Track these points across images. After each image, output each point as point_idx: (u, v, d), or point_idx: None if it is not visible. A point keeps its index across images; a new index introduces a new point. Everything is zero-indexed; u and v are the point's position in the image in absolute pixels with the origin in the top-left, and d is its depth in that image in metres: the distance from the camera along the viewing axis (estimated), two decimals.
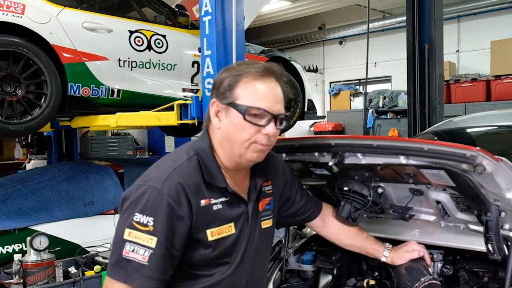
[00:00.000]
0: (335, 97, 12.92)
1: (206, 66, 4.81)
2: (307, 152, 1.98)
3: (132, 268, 1.49)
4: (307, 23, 14.32)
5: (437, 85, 5.40)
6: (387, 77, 13.02)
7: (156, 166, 1.68)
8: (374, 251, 2.06)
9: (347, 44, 14.25)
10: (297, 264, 2.40)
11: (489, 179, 1.52)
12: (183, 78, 6.05)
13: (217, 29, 4.71)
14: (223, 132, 1.63)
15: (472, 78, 9.93)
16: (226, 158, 1.66)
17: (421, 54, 5.51)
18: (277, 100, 1.61)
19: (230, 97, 1.59)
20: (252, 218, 1.74)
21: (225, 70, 1.65)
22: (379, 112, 11.46)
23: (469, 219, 1.87)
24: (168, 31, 5.82)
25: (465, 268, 2.01)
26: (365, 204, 1.97)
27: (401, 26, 11.64)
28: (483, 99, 9.58)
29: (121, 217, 1.57)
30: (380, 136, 2.83)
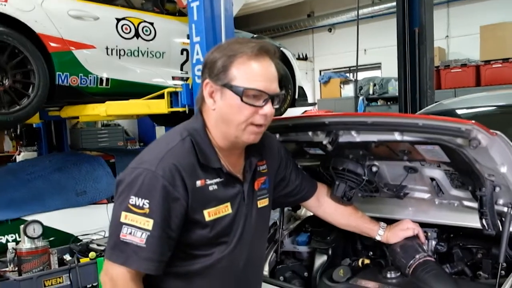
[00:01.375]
0: (325, 85, 12.90)
1: (195, 53, 4.77)
2: (301, 131, 1.98)
3: (130, 251, 1.49)
4: (296, 10, 14.26)
5: (427, 69, 5.40)
6: (377, 64, 13.03)
7: (150, 148, 1.67)
8: (369, 230, 2.08)
9: (336, 31, 14.21)
10: (292, 246, 2.41)
11: (484, 153, 1.53)
12: (172, 66, 6.02)
13: (206, 15, 4.68)
14: (219, 114, 1.62)
15: (462, 63, 9.96)
16: (221, 139, 1.65)
17: (411, 38, 5.50)
18: (272, 79, 1.61)
19: (225, 78, 1.57)
20: (248, 197, 1.74)
21: (217, 50, 1.63)
22: (370, 99, 11.48)
23: (463, 196, 1.88)
24: (155, 19, 5.78)
25: (459, 245, 2.04)
26: (359, 183, 1.98)
27: (390, 12, 11.66)
28: (473, 84, 9.62)
29: (116, 200, 1.57)
30: (374, 113, 2.86)
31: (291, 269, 2.32)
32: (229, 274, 1.71)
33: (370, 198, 2.13)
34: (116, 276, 1.51)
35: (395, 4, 11.10)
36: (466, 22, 11.01)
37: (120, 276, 1.51)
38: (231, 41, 1.66)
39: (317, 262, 2.29)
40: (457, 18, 11.34)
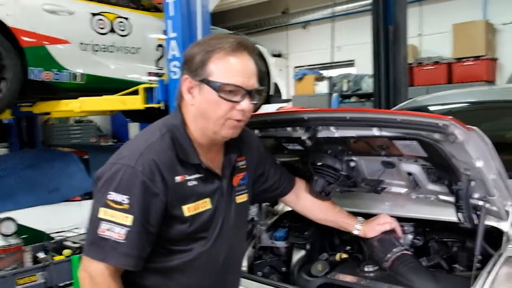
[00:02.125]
0: (299, 82, 12.93)
1: (171, 49, 4.75)
2: (280, 127, 1.99)
3: (109, 247, 1.48)
4: (270, 7, 14.27)
5: (402, 67, 5.48)
6: (351, 61, 13.12)
7: (129, 144, 1.66)
8: (347, 225, 2.10)
9: (311, 28, 14.27)
10: (270, 241, 2.42)
11: (461, 148, 1.56)
12: (147, 61, 5.99)
13: (182, 11, 4.66)
14: (197, 109, 1.62)
15: (434, 61, 10.12)
16: (200, 134, 1.65)
17: (386, 36, 5.57)
18: (250, 75, 1.60)
19: (203, 73, 1.57)
20: (227, 193, 1.75)
21: (196, 45, 1.63)
22: (344, 96, 11.55)
23: (439, 190, 1.91)
24: (131, 14, 5.74)
25: (435, 239, 2.07)
26: (338, 178, 2.00)
27: (364, 10, 11.75)
28: (445, 81, 9.77)
29: (95, 196, 1.56)
30: (353, 108, 2.88)
31: (269, 264, 2.33)
32: (208, 269, 1.71)
33: (347, 193, 2.15)
34: (94, 272, 1.50)
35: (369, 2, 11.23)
36: (439, 20, 11.17)
37: (98, 272, 1.49)
38: (210, 36, 1.65)
39: (295, 257, 2.31)
40: (429, 16, 11.49)
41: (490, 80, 9.67)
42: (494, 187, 1.65)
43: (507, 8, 10.53)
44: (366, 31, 9.28)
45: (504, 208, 1.72)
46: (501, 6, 10.58)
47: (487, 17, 10.66)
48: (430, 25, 11.40)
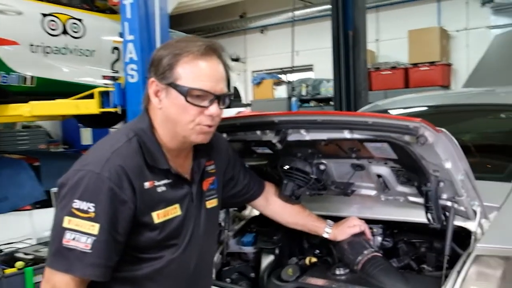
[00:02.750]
0: (258, 86, 13.01)
1: (128, 51, 4.70)
2: (249, 130, 2.00)
3: (74, 257, 1.45)
4: (228, 11, 14.31)
5: (361, 71, 5.60)
6: (309, 66, 13.32)
7: (94, 149, 1.63)
8: (317, 228, 2.12)
9: (268, 33, 14.40)
10: (238, 247, 2.42)
11: (430, 150, 1.61)
12: (103, 64, 5.92)
13: (140, 13, 4.62)
14: (165, 113, 1.61)
15: (392, 66, 10.42)
16: (169, 139, 1.64)
17: (345, 41, 5.68)
18: (219, 79, 1.60)
19: (170, 77, 1.56)
20: (197, 198, 1.74)
21: (164, 47, 1.62)
22: (302, 100, 11.71)
23: (408, 191, 1.97)
24: (85, 15, 5.66)
25: (404, 240, 2.13)
26: (307, 181, 2.02)
27: (323, 15, 11.99)
28: (402, 86, 10.06)
29: (58, 204, 1.52)
30: (324, 111, 2.92)
31: (237, 270, 2.33)
32: (179, 277, 1.70)
33: (316, 196, 2.18)
34: (58, 284, 1.46)
35: (327, 7, 11.51)
36: (395, 26, 11.51)
37: (63, 284, 1.46)
38: (178, 39, 1.64)
39: (264, 262, 2.32)
40: (386, 22, 11.82)
41: (445, 85, 10.03)
42: (462, 188, 1.72)
43: (460, 15, 10.97)
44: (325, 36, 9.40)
45: (471, 208, 1.79)
46: (454, 13, 11.02)
47: (441, 23, 11.07)
48: (386, 31, 11.73)
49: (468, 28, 10.95)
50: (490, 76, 5.15)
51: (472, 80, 5.26)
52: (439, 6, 11.36)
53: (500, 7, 9.76)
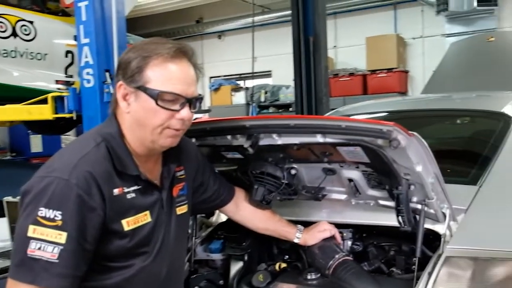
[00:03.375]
0: (215, 92, 13.00)
1: (84, 55, 4.64)
2: (220, 135, 2.00)
3: (40, 267, 1.41)
4: (184, 16, 14.28)
5: (322, 77, 5.69)
6: (268, 72, 13.43)
7: (60, 155, 1.60)
8: (287, 233, 2.14)
9: (226, 38, 14.45)
10: (205, 254, 2.40)
11: (402, 153, 1.65)
12: (55, 68, 5.80)
13: (96, 16, 4.58)
14: (133, 117, 1.59)
15: (350, 72, 10.65)
16: (137, 144, 1.63)
17: (306, 46, 5.76)
18: (190, 82, 1.60)
19: (139, 80, 1.55)
20: (167, 205, 1.74)
21: (132, 50, 1.60)
22: (261, 106, 11.79)
23: (379, 195, 2.02)
24: (36, 17, 5.55)
25: (373, 244, 2.17)
26: (278, 186, 2.04)
27: (281, 21, 12.14)
28: (360, 92, 10.30)
29: (22, 213, 1.47)
30: (296, 115, 2.96)
31: (206, 278, 2.32)
32: (150, 285, 1.69)
33: (285, 201, 2.20)
34: None
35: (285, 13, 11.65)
36: (353, 33, 11.77)
37: None
38: (147, 41, 1.63)
39: (233, 269, 2.32)
40: (344, 29, 12.08)
41: (402, 91, 10.33)
42: (432, 191, 1.77)
43: (416, 23, 11.34)
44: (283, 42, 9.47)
45: (441, 210, 1.85)
46: (411, 21, 11.38)
47: (398, 31, 11.41)
48: (344, 38, 11.98)
49: (424, 36, 11.33)
50: (447, 82, 5.34)
51: (430, 87, 5.44)
52: (395, 14, 11.71)
53: (454, 16, 10.12)
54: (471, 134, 3.23)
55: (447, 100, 3.83)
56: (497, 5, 9.77)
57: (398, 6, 11.69)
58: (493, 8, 9.79)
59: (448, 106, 3.49)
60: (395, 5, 11.71)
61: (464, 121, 3.25)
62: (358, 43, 11.21)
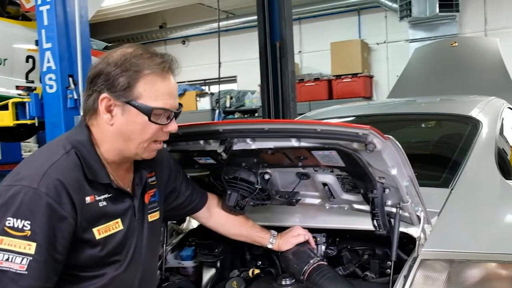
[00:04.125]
0: (180, 98, 12.92)
1: (46, 60, 4.56)
2: (192, 140, 1.97)
3: (8, 279, 1.36)
4: (147, 21, 14.19)
5: (289, 81, 5.71)
6: (233, 77, 13.45)
7: (27, 163, 1.56)
8: (261, 239, 2.12)
9: (190, 43, 14.40)
10: (176, 261, 2.37)
11: (378, 157, 1.66)
12: (16, 74, 5.67)
13: (58, 20, 4.51)
14: (118, 130, 1.57)
15: (315, 77, 10.76)
16: (113, 154, 1.61)
17: (273, 52, 5.78)
18: (176, 95, 1.63)
19: (129, 95, 1.53)
20: (139, 212, 1.71)
21: (116, 63, 1.54)
22: (226, 112, 11.79)
23: (353, 199, 2.02)
24: None
25: (347, 248, 2.17)
26: (252, 191, 2.02)
27: (245, 27, 12.20)
28: (325, 97, 10.42)
29: None
30: (271, 119, 2.95)
31: (177, 286, 2.27)
32: None
33: (259, 207, 2.19)
34: None
35: (250, 19, 11.68)
36: (318, 39, 11.91)
37: None
38: (131, 52, 1.57)
39: (206, 276, 2.30)
40: (309, 34, 12.20)
41: (367, 96, 10.50)
42: (407, 194, 1.78)
43: (380, 29, 11.55)
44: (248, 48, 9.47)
45: (415, 213, 1.86)
46: (375, 26, 11.59)
47: (362, 36, 11.59)
48: (309, 43, 12.10)
49: (387, 41, 11.54)
50: (412, 87, 5.44)
51: (396, 91, 5.53)
52: (359, 20, 11.90)
53: (417, 21, 10.35)
54: (441, 138, 3.29)
55: (414, 104, 3.89)
56: (458, 11, 10.03)
57: (362, 12, 11.89)
58: (455, 14, 10.06)
59: (417, 110, 3.54)
60: (359, 11, 11.91)
61: (434, 125, 3.30)
62: (323, 48, 11.35)
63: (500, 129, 2.79)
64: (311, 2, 11.76)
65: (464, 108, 3.13)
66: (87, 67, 4.52)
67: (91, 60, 4.67)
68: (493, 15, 10.55)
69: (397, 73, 8.33)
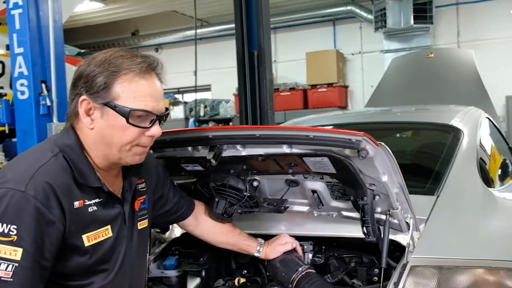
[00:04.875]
0: None
1: (18, 65, 4.49)
2: (180, 146, 1.96)
3: None
4: (120, 28, 14.06)
5: (267, 90, 5.72)
6: (207, 86, 13.42)
7: (13, 166, 1.53)
8: (248, 247, 2.12)
9: (163, 51, 14.33)
10: (159, 271, 2.34)
11: (369, 163, 1.67)
12: None
13: (31, 25, 4.46)
14: (98, 134, 1.54)
15: (291, 87, 10.82)
16: (100, 159, 1.58)
17: (250, 60, 5.79)
18: (159, 98, 1.57)
19: (107, 96, 1.50)
20: (129, 219, 1.69)
21: (95, 63, 1.53)
22: (200, 121, 11.73)
23: (342, 206, 2.03)
24: None
25: (334, 256, 2.18)
26: (241, 199, 2.01)
27: (220, 35, 12.22)
28: (301, 107, 10.48)
29: None
30: (261, 126, 2.95)
31: None
32: None
33: (246, 214, 2.18)
34: None
35: (224, 27, 11.69)
36: (293, 48, 11.99)
37: None
38: (112, 53, 1.55)
39: (190, 286, 2.28)
40: (283, 43, 12.27)
41: (342, 105, 10.60)
42: (397, 201, 1.81)
43: (355, 39, 11.71)
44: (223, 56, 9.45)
45: (405, 220, 1.89)
46: (350, 37, 11.75)
47: (337, 46, 11.73)
48: (284, 53, 12.17)
49: (362, 52, 11.71)
50: (389, 97, 5.52)
51: (373, 101, 5.60)
52: (334, 30, 12.04)
53: (391, 32, 10.53)
54: (424, 146, 3.34)
55: (391, 114, 3.94)
56: (432, 23, 10.25)
57: (337, 23, 12.04)
58: (429, 26, 10.28)
59: (396, 119, 3.59)
60: (334, 21, 12.04)
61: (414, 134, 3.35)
62: (298, 58, 11.43)
63: (480, 138, 2.86)
64: (286, 12, 11.85)
65: (444, 117, 3.19)
66: (60, 73, 4.47)
67: (64, 66, 4.62)
68: (466, 27, 10.80)
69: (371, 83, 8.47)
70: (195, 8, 6.51)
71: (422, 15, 10.12)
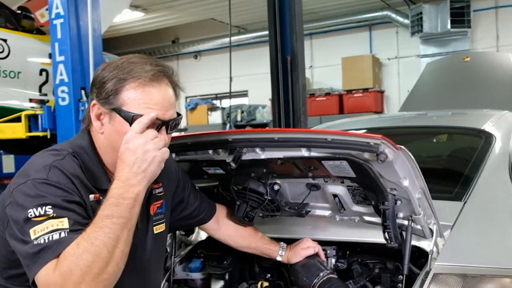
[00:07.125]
0: (192, 112, 12.96)
1: (59, 73, 4.58)
2: (201, 150, 1.94)
3: (55, 243, 1.30)
4: (160, 36, 14.29)
5: (300, 95, 5.69)
6: (244, 92, 13.47)
7: (32, 163, 1.51)
8: (270, 251, 2.08)
9: (202, 58, 14.47)
10: (185, 273, 2.33)
11: (389, 167, 1.62)
12: (29, 87, 5.72)
13: (71, 34, 4.54)
14: (107, 139, 1.54)
15: (326, 92, 10.73)
16: (111, 163, 1.56)
17: (284, 66, 5.77)
18: (168, 106, 1.53)
19: (115, 102, 1.48)
20: (142, 223, 1.66)
21: (107, 68, 1.53)
22: (237, 126, 11.77)
23: (364, 211, 1.98)
24: (9, 35, 5.48)
25: (358, 261, 2.12)
26: (261, 202, 1.98)
27: (257, 42, 12.24)
28: (336, 112, 10.38)
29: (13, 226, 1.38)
30: (280, 129, 2.93)
31: None
32: None
33: (268, 218, 2.15)
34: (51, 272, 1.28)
35: (261, 34, 11.72)
36: (328, 54, 11.91)
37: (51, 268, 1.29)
38: (124, 59, 1.54)
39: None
40: (320, 49, 12.21)
41: (378, 110, 10.44)
42: (419, 206, 1.74)
43: (391, 44, 11.52)
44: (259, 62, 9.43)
45: (428, 226, 1.81)
46: (386, 42, 11.57)
47: (373, 52, 11.57)
48: (320, 58, 12.10)
49: (399, 57, 11.51)
50: (424, 101, 5.38)
51: (407, 105, 5.47)
52: (370, 35, 11.89)
53: (428, 37, 10.32)
54: (454, 151, 3.23)
55: (426, 118, 3.84)
56: (470, 27, 9.99)
57: (373, 28, 11.89)
58: (466, 30, 10.03)
59: (428, 123, 3.49)
60: (370, 27, 11.90)
61: (446, 138, 3.25)
62: (334, 63, 11.35)
63: None
64: (322, 18, 11.80)
65: (477, 121, 3.07)
66: None
67: None
68: (505, 30, 10.49)
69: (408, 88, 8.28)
70: (230, 15, 6.51)
71: (460, 19, 9.88)
